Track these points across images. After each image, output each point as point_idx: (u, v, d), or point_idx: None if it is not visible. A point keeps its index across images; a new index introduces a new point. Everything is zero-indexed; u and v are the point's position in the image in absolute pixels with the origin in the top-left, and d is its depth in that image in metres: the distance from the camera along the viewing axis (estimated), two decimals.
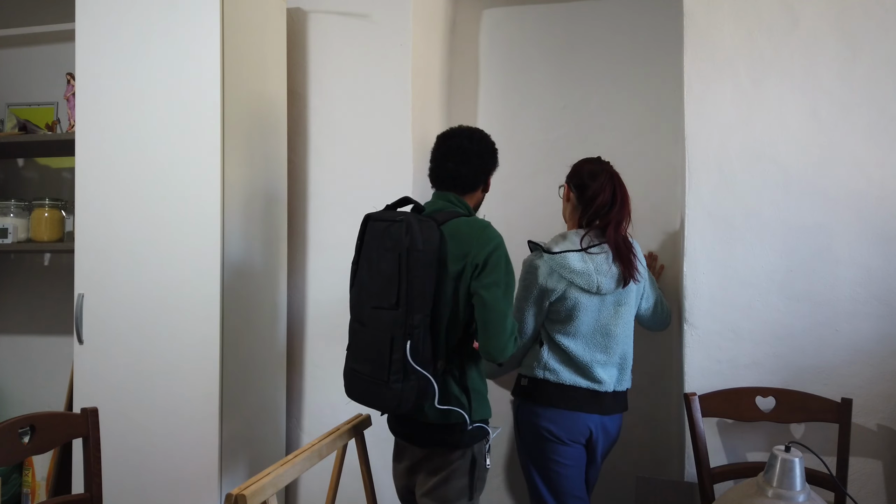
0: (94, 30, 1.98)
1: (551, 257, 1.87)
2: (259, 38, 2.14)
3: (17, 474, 2.62)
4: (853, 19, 1.95)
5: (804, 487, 1.35)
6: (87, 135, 1.99)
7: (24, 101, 2.88)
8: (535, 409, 1.90)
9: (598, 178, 1.90)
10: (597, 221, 1.90)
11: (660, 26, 2.52)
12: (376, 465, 2.14)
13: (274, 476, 1.37)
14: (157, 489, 1.92)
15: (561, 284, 1.85)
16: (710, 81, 2.03)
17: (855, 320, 1.94)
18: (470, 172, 1.76)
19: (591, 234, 1.89)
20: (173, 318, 1.92)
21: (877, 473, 1.93)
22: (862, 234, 1.94)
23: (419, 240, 1.57)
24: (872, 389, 1.93)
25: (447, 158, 1.76)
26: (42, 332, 2.86)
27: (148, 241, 1.94)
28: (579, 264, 1.85)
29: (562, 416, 1.88)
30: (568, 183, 1.98)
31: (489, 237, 1.65)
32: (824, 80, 1.97)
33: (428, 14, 2.48)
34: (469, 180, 1.77)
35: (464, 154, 1.75)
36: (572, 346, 1.88)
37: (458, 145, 1.76)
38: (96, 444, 1.68)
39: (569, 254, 1.86)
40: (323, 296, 2.36)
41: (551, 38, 2.65)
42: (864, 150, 1.94)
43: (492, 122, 2.73)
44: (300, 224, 2.39)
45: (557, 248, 1.88)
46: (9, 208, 2.51)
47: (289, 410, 2.36)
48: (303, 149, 2.39)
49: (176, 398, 1.91)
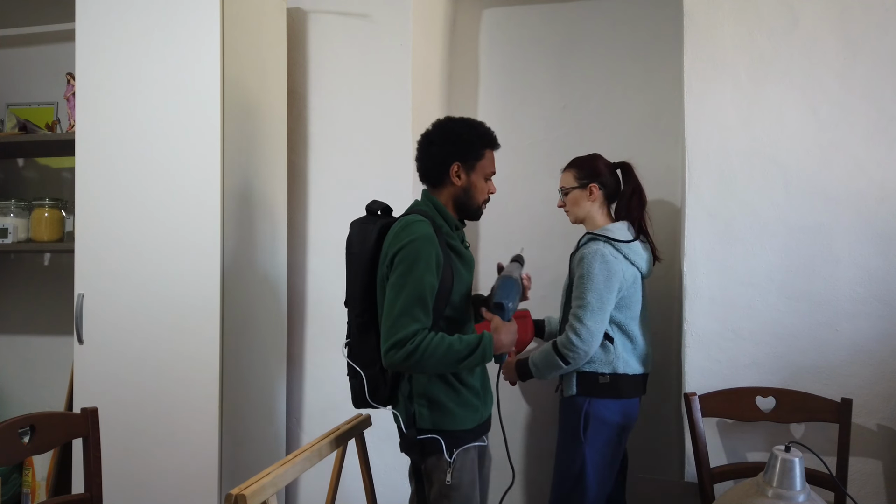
0: (94, 30, 1.98)
1: (625, 245, 1.94)
2: (259, 38, 2.14)
3: (17, 474, 2.62)
4: (853, 19, 1.95)
5: (804, 487, 1.35)
6: (87, 135, 1.99)
7: (24, 101, 2.88)
8: (613, 403, 1.92)
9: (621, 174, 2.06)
10: (623, 212, 2.02)
11: (660, 26, 2.52)
12: (376, 465, 2.15)
13: (274, 476, 1.37)
14: (157, 489, 1.92)
15: (630, 271, 1.93)
16: (710, 81, 2.03)
17: (855, 320, 1.94)
18: (428, 163, 1.67)
19: (627, 223, 1.99)
20: (173, 318, 1.92)
21: (877, 473, 1.93)
22: (862, 234, 1.94)
23: (355, 242, 1.65)
24: (872, 389, 1.93)
25: (418, 153, 1.70)
26: (42, 332, 2.86)
27: (148, 241, 1.94)
28: (643, 251, 1.98)
29: (633, 406, 1.97)
30: (593, 182, 2.02)
31: (402, 235, 1.55)
32: (824, 80, 1.97)
33: (428, 14, 2.48)
34: (429, 172, 1.68)
35: (422, 144, 1.69)
36: (636, 333, 1.96)
37: (423, 135, 1.69)
38: (96, 444, 1.68)
39: (634, 242, 1.96)
40: (323, 296, 2.36)
41: (551, 38, 2.65)
42: (864, 150, 1.94)
43: (492, 122, 2.70)
44: (300, 224, 2.39)
45: (624, 237, 1.95)
46: (9, 208, 2.51)
47: (289, 410, 2.36)
48: (303, 149, 2.39)
49: (176, 398, 1.91)
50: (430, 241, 1.55)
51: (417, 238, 1.53)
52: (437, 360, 1.49)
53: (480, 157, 1.67)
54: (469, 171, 1.66)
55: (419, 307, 1.51)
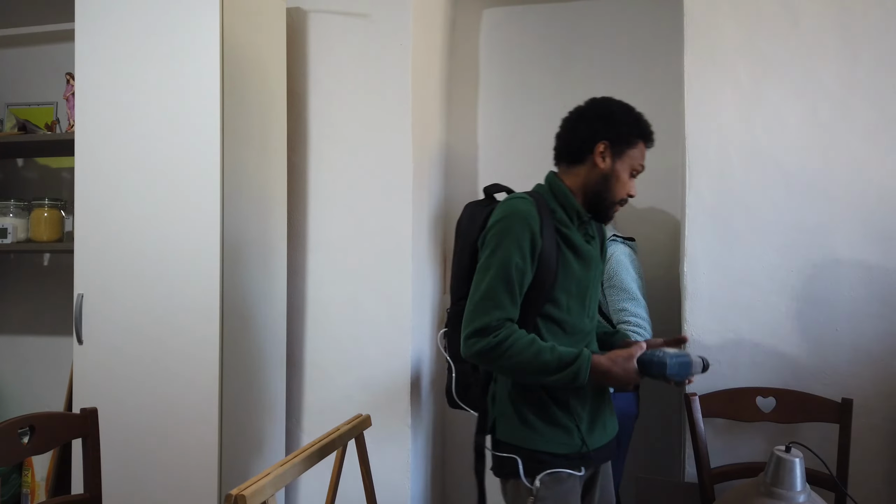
0: (93, 30, 1.98)
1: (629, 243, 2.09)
2: (259, 38, 2.14)
3: (17, 474, 2.62)
4: (853, 19, 1.95)
5: (804, 487, 1.35)
6: (86, 135, 1.99)
7: (23, 101, 2.87)
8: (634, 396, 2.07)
9: None
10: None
11: (660, 26, 2.52)
12: (376, 466, 2.14)
13: (274, 476, 1.37)
14: (156, 489, 1.92)
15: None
16: (710, 81, 2.03)
17: (855, 320, 1.94)
18: (571, 137, 1.48)
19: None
20: (173, 318, 1.92)
21: (877, 473, 1.93)
22: (862, 234, 1.94)
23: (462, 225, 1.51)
24: (872, 389, 1.92)
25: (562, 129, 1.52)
26: (42, 332, 2.85)
27: (148, 241, 1.94)
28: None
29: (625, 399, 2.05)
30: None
31: (496, 214, 1.41)
32: (824, 80, 1.97)
33: (428, 14, 2.48)
34: (569, 147, 1.48)
35: (569, 119, 1.51)
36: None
37: (573, 110, 1.53)
38: (96, 445, 1.68)
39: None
40: (323, 295, 2.36)
41: (551, 38, 2.65)
42: (864, 150, 1.94)
43: (492, 122, 2.73)
44: (300, 224, 2.39)
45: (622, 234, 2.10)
46: (8, 208, 2.51)
47: (289, 410, 2.36)
48: (303, 149, 2.39)
49: (176, 398, 1.91)
50: (525, 219, 1.36)
51: (509, 215, 1.37)
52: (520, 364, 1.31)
53: (632, 145, 1.47)
54: (615, 157, 1.45)
55: (505, 292, 1.32)
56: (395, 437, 2.25)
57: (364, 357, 2.29)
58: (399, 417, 2.25)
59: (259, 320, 2.14)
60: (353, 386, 2.30)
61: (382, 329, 2.27)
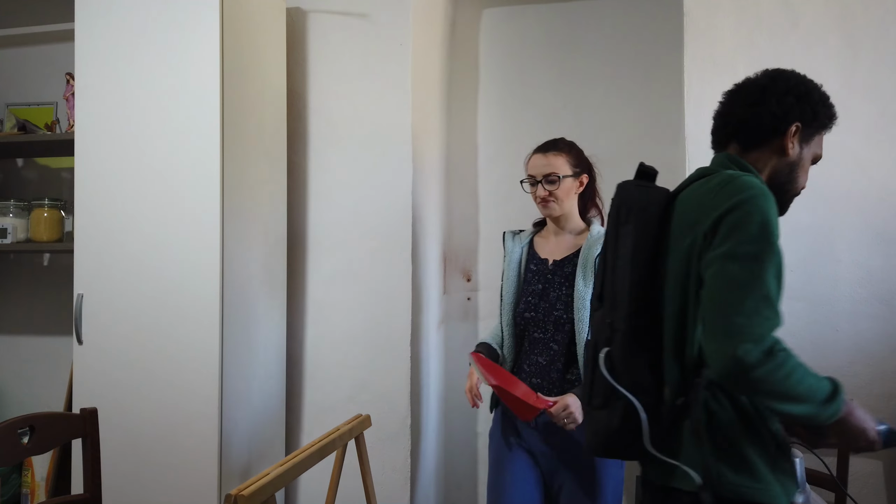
0: (93, 30, 1.97)
1: None
2: (259, 38, 2.14)
3: (17, 474, 2.62)
4: (853, 19, 1.95)
5: (804, 488, 1.34)
6: (86, 135, 1.99)
7: (23, 101, 2.87)
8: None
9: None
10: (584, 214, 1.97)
11: (660, 26, 2.52)
12: (376, 466, 2.14)
13: (274, 476, 1.37)
14: (156, 489, 1.92)
15: None
16: (709, 81, 2.03)
17: (855, 320, 1.94)
18: (757, 113, 1.21)
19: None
20: (173, 318, 1.92)
21: (877, 473, 1.93)
22: (862, 234, 1.94)
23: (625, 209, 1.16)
24: (872, 389, 1.92)
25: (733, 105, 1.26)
26: (42, 332, 2.85)
27: (148, 241, 1.94)
28: None
29: None
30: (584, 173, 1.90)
31: (729, 192, 1.09)
32: (824, 80, 1.96)
33: (428, 14, 2.48)
34: (756, 125, 1.21)
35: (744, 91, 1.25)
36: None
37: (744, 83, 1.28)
38: (96, 445, 1.68)
39: None
40: (323, 295, 2.36)
41: (551, 38, 2.65)
42: (864, 150, 1.94)
43: (492, 122, 2.73)
44: (300, 224, 2.39)
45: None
46: (8, 208, 2.51)
47: (289, 410, 2.36)
48: (303, 149, 2.39)
49: (176, 398, 1.91)
50: (773, 203, 1.09)
51: (758, 195, 1.06)
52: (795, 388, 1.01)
53: (822, 130, 1.26)
54: (804, 143, 1.23)
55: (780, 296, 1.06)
56: (395, 437, 2.25)
57: (364, 357, 2.29)
58: (399, 417, 2.25)
59: (259, 320, 2.14)
60: (353, 386, 2.30)
61: (382, 329, 2.27)
